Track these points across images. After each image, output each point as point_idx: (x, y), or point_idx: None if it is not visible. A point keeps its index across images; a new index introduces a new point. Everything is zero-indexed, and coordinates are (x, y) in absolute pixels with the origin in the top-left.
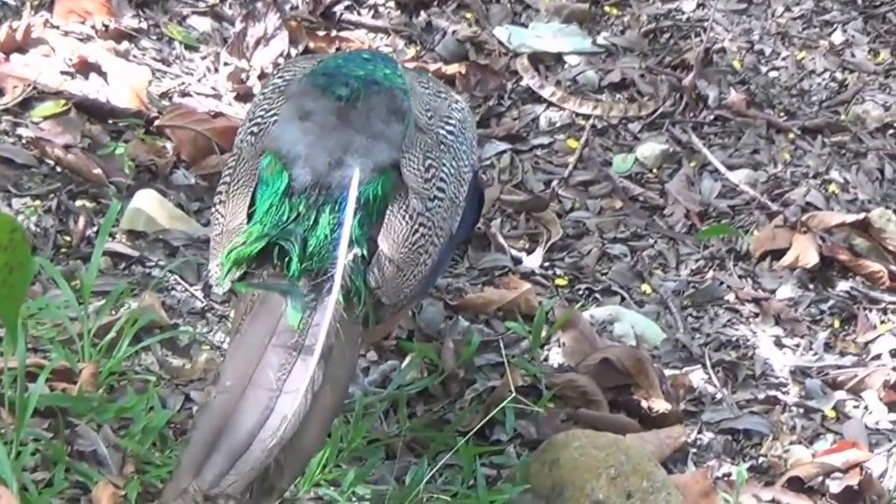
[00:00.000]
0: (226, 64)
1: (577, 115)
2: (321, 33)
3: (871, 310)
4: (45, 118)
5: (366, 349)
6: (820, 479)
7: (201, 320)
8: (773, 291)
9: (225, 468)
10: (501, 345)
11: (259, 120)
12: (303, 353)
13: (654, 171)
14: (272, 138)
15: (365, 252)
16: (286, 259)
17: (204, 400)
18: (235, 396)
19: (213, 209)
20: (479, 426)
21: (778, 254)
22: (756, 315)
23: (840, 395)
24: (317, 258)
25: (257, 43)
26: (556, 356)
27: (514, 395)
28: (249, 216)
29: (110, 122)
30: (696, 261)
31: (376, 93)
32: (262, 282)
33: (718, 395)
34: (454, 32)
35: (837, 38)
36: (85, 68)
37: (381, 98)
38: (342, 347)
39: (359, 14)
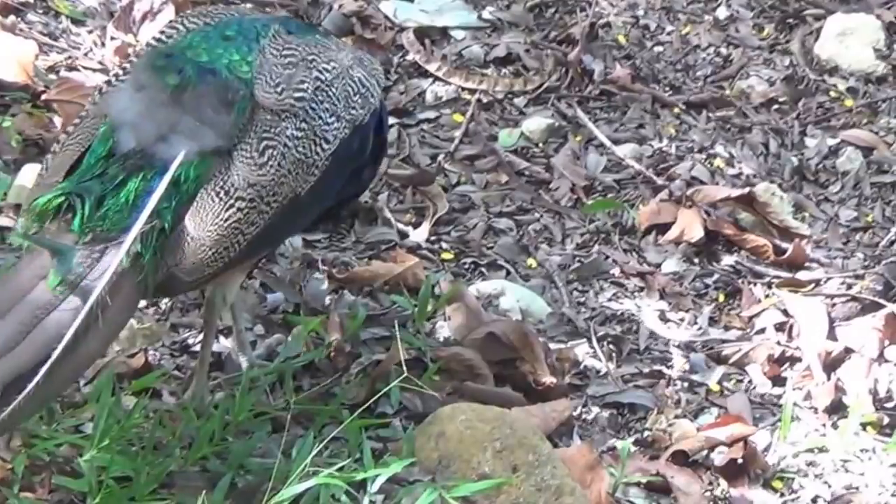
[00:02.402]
0: (112, 38)
1: (463, 89)
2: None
3: (755, 284)
4: None
5: (251, 323)
6: (704, 452)
7: None
8: (658, 266)
9: None
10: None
11: (112, 79)
12: (63, 309)
13: (540, 145)
14: (107, 102)
15: (167, 226)
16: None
17: None
18: None
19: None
20: (365, 400)
21: (663, 228)
22: (641, 289)
23: (724, 369)
24: (108, 221)
25: (144, 17)
26: (441, 330)
27: (405, 374)
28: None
29: None
30: (582, 235)
31: (209, 84)
32: (37, 236)
33: (603, 370)
34: (340, 7)
35: (722, 13)
36: None
37: (213, 89)
38: (112, 309)
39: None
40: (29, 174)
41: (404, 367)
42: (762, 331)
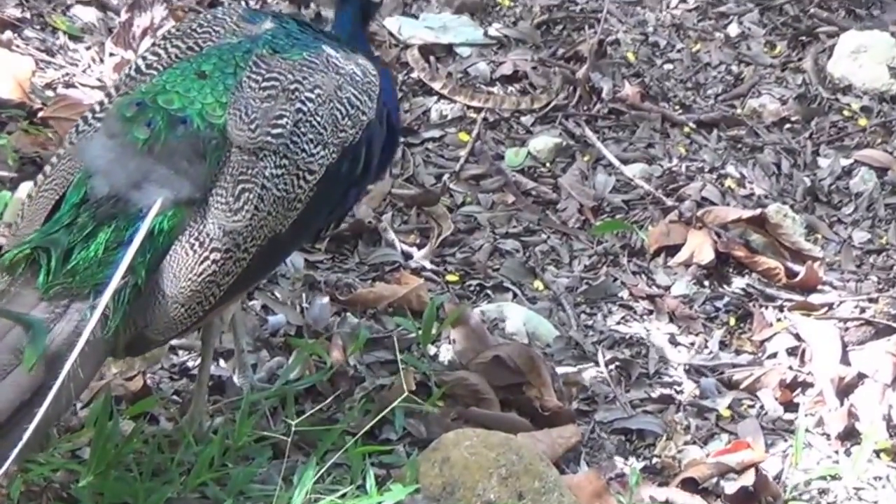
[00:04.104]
0: (111, 54)
1: (469, 107)
2: None
3: (767, 307)
4: None
5: (253, 346)
6: (714, 479)
7: None
8: (667, 288)
9: None
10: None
11: (89, 117)
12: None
13: (547, 165)
14: (81, 147)
15: (140, 282)
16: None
17: None
18: None
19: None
20: (368, 425)
21: (673, 250)
22: (650, 312)
23: (735, 394)
24: (77, 278)
25: (144, 33)
26: (446, 353)
27: (405, 394)
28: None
29: None
30: (590, 257)
31: (179, 135)
32: (5, 309)
33: (612, 394)
34: None
35: (733, 30)
36: None
37: (184, 141)
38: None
39: (246, 3)
40: (26, 192)
41: (405, 388)
42: (774, 355)
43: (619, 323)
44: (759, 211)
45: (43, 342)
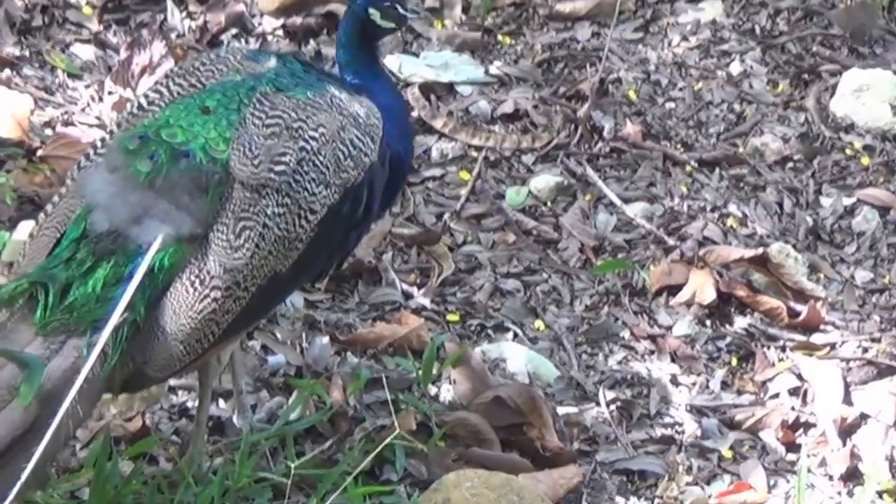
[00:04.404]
0: (110, 93)
1: (470, 146)
2: None
3: (769, 347)
4: None
5: (253, 386)
6: None
7: None
8: (669, 328)
9: None
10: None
11: (91, 153)
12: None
13: (549, 204)
14: (82, 182)
15: (139, 319)
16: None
17: None
18: None
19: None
20: (368, 466)
21: (674, 289)
22: (652, 352)
23: (737, 434)
24: (75, 314)
25: (143, 71)
26: (447, 394)
27: (397, 431)
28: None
29: None
30: (591, 296)
31: (182, 169)
32: (2, 347)
33: (613, 435)
34: None
35: (735, 68)
36: None
37: (186, 175)
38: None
39: (246, 42)
40: (25, 231)
41: (397, 426)
42: (776, 395)
43: (620, 363)
44: (761, 250)
45: (39, 380)
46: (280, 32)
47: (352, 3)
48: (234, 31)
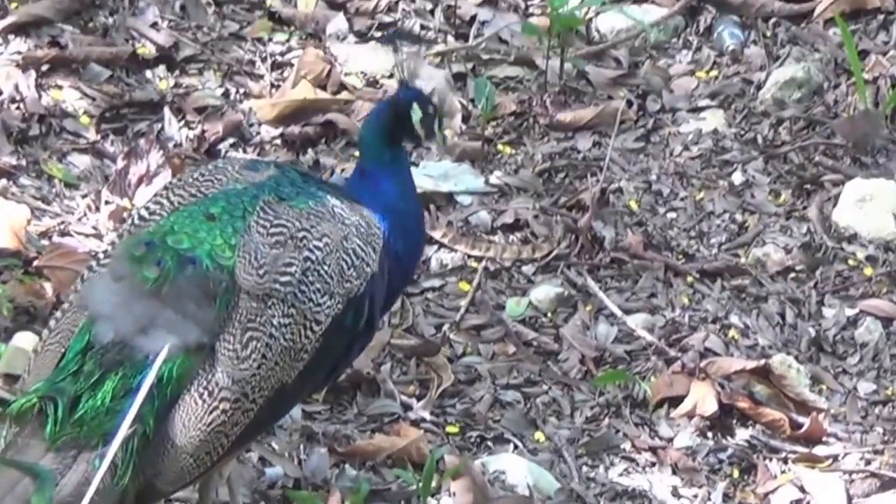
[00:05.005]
0: (107, 202)
1: (470, 256)
2: None
3: (771, 459)
4: None
5: (250, 498)
6: None
7: None
8: (670, 440)
9: None
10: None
11: (94, 264)
12: None
13: (549, 315)
14: (86, 292)
15: (149, 431)
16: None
17: None
18: None
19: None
20: None
21: (676, 401)
22: (653, 464)
23: None
24: (84, 428)
25: (140, 181)
26: None
27: None
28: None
29: None
30: (592, 408)
31: (189, 276)
32: (14, 457)
33: None
34: (342, 171)
35: (737, 178)
36: None
37: (193, 282)
38: None
39: (244, 151)
40: (20, 342)
41: None
42: None
43: (621, 475)
44: (762, 362)
45: (51, 491)
46: (278, 141)
47: (400, 91)
48: (231, 140)
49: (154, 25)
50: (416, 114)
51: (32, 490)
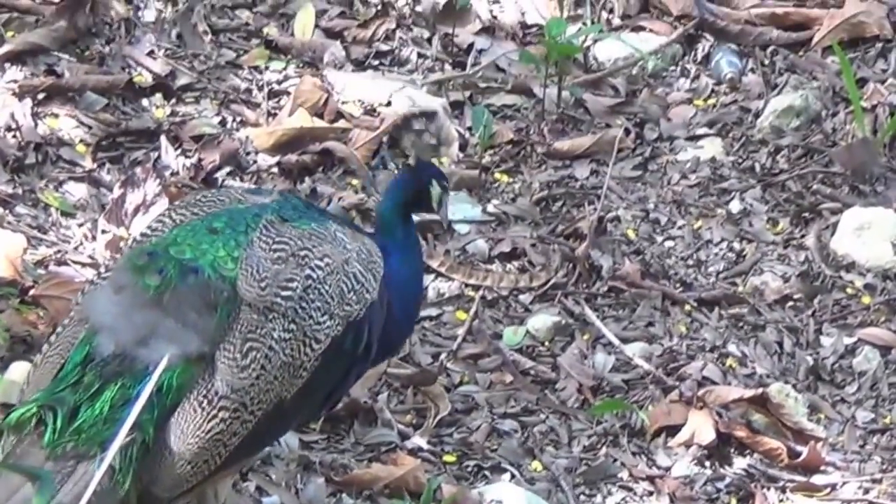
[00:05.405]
0: (104, 231)
1: (467, 285)
2: None
3: (769, 488)
4: None
5: None
6: None
7: None
8: (668, 469)
9: None
10: None
11: (95, 279)
12: None
13: (546, 343)
14: (87, 305)
15: (148, 439)
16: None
17: None
18: None
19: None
20: None
21: (673, 430)
22: (650, 493)
23: None
24: (83, 436)
25: (136, 210)
26: None
27: None
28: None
29: None
30: (589, 437)
31: (191, 284)
32: (13, 462)
33: None
34: (340, 199)
35: (735, 206)
36: None
37: (195, 290)
38: None
39: (241, 180)
40: (17, 372)
41: None
42: None
43: None
44: (760, 390)
45: (50, 491)
46: (275, 170)
47: (418, 166)
48: (228, 168)
49: (150, 54)
50: (435, 191)
51: (32, 495)
